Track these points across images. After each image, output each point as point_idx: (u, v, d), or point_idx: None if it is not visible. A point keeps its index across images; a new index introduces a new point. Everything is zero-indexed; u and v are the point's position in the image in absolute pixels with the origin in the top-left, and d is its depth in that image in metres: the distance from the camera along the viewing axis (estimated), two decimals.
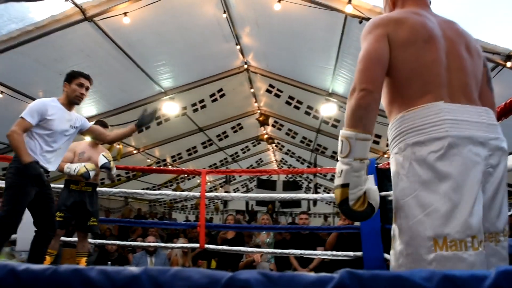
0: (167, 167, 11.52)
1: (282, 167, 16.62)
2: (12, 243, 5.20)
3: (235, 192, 16.87)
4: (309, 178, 15.15)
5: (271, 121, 10.46)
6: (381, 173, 4.75)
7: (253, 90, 8.92)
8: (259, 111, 10.18)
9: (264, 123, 10.37)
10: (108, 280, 0.52)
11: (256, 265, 5.31)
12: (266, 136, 12.11)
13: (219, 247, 5.09)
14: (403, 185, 1.48)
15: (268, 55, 7.45)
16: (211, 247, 5.03)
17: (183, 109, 8.64)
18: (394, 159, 1.55)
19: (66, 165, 4.21)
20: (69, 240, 5.44)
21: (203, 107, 8.84)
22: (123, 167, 5.98)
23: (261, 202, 17.14)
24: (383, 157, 8.75)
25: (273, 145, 13.41)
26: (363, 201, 1.52)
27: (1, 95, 6.19)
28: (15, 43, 5.39)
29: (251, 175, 16.53)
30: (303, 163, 13.02)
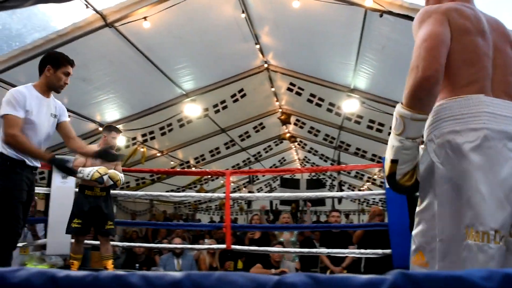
0: (191, 169, 11.59)
1: (305, 165, 16.52)
2: (42, 247, 5.32)
3: (258, 192, 16.86)
4: (332, 176, 15.02)
5: (293, 119, 10.40)
6: None
7: (274, 89, 8.88)
8: (280, 110, 10.13)
9: (286, 122, 10.32)
10: (149, 285, 0.51)
11: (278, 264, 5.28)
12: (288, 135, 12.06)
13: (245, 248, 5.09)
14: (440, 173, 1.47)
15: (288, 54, 7.41)
16: (237, 247, 5.04)
17: (204, 110, 8.67)
18: (427, 146, 1.55)
19: (78, 169, 4.26)
20: (96, 243, 5.54)
21: (225, 107, 8.85)
22: (148, 170, 6.05)
23: (284, 201, 17.08)
24: None
25: (296, 144, 13.34)
26: (411, 175, 1.55)
27: None
28: (39, 52, 5.48)
29: (274, 175, 16.48)
30: (326, 160, 12.91)
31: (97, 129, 7.96)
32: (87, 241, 4.91)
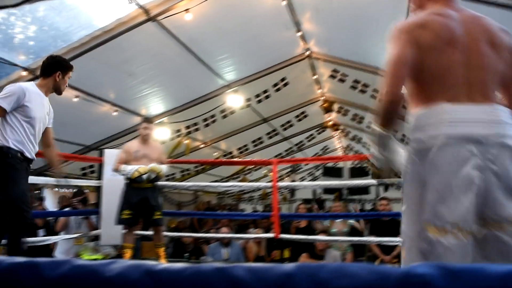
0: (235, 159, 11.66)
1: (348, 153, 16.26)
2: (96, 238, 5.50)
3: (301, 181, 16.77)
4: None
5: (336, 107, 10.23)
6: None
7: (316, 76, 8.73)
8: (322, 98, 9.98)
9: (328, 110, 10.16)
10: (257, 279, 0.48)
11: (323, 253, 5.22)
12: (331, 123, 11.88)
13: (294, 237, 5.07)
14: (406, 175, 1.70)
15: (330, 40, 7.26)
16: (286, 236, 5.02)
17: (247, 100, 8.66)
18: (405, 150, 1.77)
19: (121, 166, 4.38)
20: (148, 234, 5.68)
21: (267, 97, 8.79)
22: (195, 161, 6.12)
23: (328, 190, 16.91)
24: None
25: (339, 132, 13.14)
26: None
27: (76, 99, 6.49)
28: (86, 49, 5.62)
29: (318, 163, 16.34)
30: (370, 148, 12.64)
31: None
32: (138, 232, 5.05)
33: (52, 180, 4.33)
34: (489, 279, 0.43)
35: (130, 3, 5.22)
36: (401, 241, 1.74)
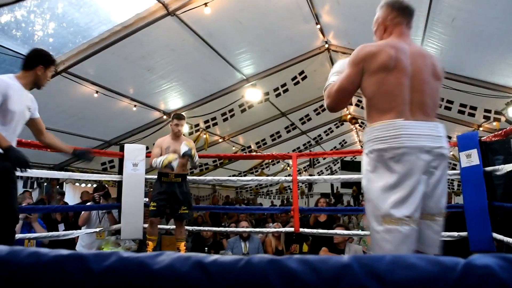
0: (254, 153, 11.66)
1: None
2: (117, 232, 5.55)
3: (319, 175, 16.71)
4: None
5: (354, 100, 10.12)
6: (484, 146, 4.41)
7: None
8: None
9: None
10: (312, 271, 0.47)
11: (343, 247, 5.18)
12: (349, 116, 11.78)
13: (314, 230, 5.05)
14: (369, 177, 2.01)
15: (349, 32, 7.17)
16: (306, 230, 5.01)
17: (265, 94, 8.64)
18: (365, 157, 2.06)
19: (153, 160, 4.48)
20: (168, 228, 5.73)
21: (286, 91, 8.75)
22: (215, 155, 6.12)
23: (345, 184, 16.82)
24: (478, 131, 8.13)
25: (357, 125, 13.01)
26: None
27: (96, 95, 6.55)
28: (106, 44, 5.66)
29: (336, 157, 16.25)
30: None
31: (162, 117, 8.17)
32: (160, 226, 5.11)
33: (75, 175, 4.37)
34: None
35: None
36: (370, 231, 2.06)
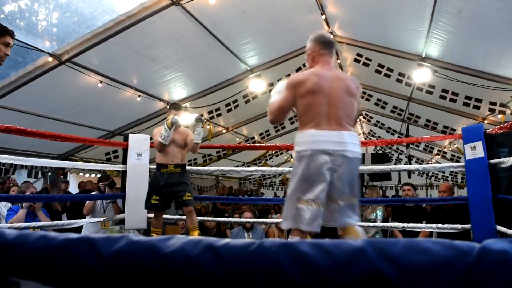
0: (258, 144, 11.65)
1: (370, 139, 16.08)
2: (121, 221, 5.58)
3: None
4: (399, 149, 14.53)
5: None
6: (489, 139, 4.39)
7: (339, 60, 8.60)
8: None
9: None
10: (325, 254, 0.47)
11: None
12: None
13: None
14: (293, 170, 2.70)
15: (355, 23, 7.13)
16: None
17: (269, 85, 8.61)
18: (293, 155, 2.76)
19: (158, 136, 4.43)
20: (171, 218, 5.73)
21: None
22: (219, 146, 6.12)
23: None
24: (483, 123, 8.09)
25: (361, 117, 12.97)
26: None
27: (101, 85, 6.55)
28: (110, 34, 5.64)
29: None
30: (393, 134, 12.46)
31: (165, 107, 8.16)
32: (164, 216, 5.07)
33: (79, 164, 4.38)
34: None
35: None
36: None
